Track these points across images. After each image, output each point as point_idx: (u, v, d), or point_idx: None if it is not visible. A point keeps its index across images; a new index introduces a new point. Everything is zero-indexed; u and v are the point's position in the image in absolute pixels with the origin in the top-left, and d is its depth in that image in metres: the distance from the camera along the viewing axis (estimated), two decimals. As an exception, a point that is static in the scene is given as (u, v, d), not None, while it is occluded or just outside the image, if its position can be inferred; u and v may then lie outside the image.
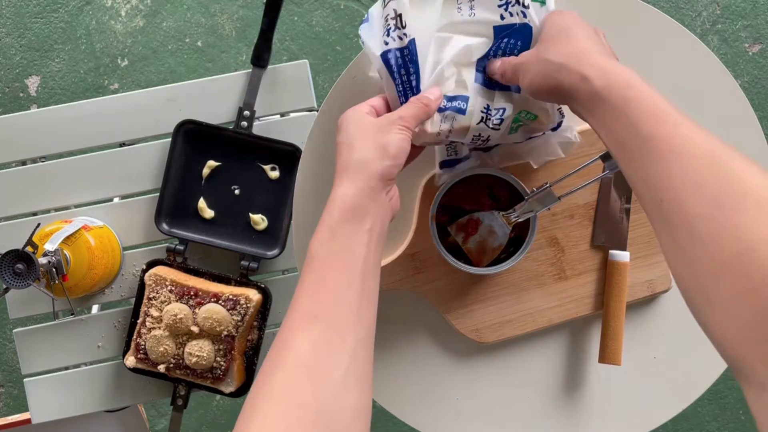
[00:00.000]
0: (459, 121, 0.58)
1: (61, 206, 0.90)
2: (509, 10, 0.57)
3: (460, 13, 0.58)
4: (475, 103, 0.58)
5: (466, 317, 0.70)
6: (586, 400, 0.72)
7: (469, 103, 0.58)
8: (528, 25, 0.56)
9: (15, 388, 1.53)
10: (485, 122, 0.58)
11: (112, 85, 1.58)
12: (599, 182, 0.69)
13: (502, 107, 0.58)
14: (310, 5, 1.55)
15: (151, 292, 0.83)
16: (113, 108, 0.90)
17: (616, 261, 0.68)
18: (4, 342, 1.54)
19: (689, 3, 1.59)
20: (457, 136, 0.59)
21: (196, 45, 1.57)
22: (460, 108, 0.58)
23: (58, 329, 0.90)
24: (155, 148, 0.89)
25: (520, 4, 0.56)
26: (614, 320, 0.68)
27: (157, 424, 1.52)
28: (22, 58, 1.58)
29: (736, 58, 1.58)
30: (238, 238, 0.88)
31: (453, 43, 0.58)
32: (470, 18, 0.58)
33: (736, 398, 1.51)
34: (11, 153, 0.90)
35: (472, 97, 0.58)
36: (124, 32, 1.58)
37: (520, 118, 0.59)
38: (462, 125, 0.58)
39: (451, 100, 0.58)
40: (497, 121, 0.58)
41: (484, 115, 0.58)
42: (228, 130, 0.87)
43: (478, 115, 0.58)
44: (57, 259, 0.76)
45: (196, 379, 0.84)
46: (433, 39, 0.57)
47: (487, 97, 0.59)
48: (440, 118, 0.57)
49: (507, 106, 0.58)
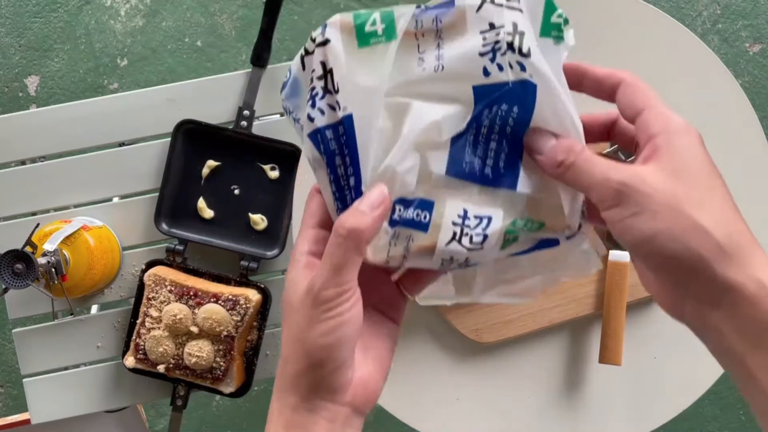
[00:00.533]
0: (418, 240, 0.38)
1: (61, 206, 0.90)
2: (497, 62, 0.36)
3: (422, 66, 0.37)
4: (445, 210, 0.38)
5: (466, 317, 0.70)
6: (587, 400, 0.72)
7: (435, 211, 0.38)
8: (529, 82, 0.36)
9: (14, 389, 1.53)
10: (459, 240, 0.38)
11: (112, 85, 1.58)
12: (600, 182, 0.69)
13: (487, 215, 0.38)
14: (310, 5, 1.55)
15: (150, 293, 0.83)
16: (113, 108, 0.90)
17: (617, 261, 0.68)
18: (3, 342, 1.54)
19: (690, 3, 1.59)
20: (417, 261, 0.39)
21: (195, 45, 1.57)
22: (418, 221, 0.37)
23: (57, 329, 0.89)
24: (155, 147, 0.89)
25: (514, 50, 0.36)
26: (614, 320, 0.68)
27: (157, 425, 1.52)
28: (21, 58, 1.58)
29: (737, 57, 1.58)
30: (238, 238, 0.88)
31: (412, 113, 0.37)
32: (437, 74, 0.37)
33: (737, 398, 1.51)
34: (10, 153, 0.90)
35: (440, 200, 0.38)
36: (123, 32, 1.58)
37: (515, 228, 0.39)
38: (422, 246, 0.38)
39: (407, 206, 0.37)
40: (479, 237, 0.38)
41: (458, 229, 0.38)
42: (228, 130, 0.87)
43: (449, 229, 0.38)
44: (56, 259, 0.76)
45: (195, 379, 0.84)
46: (381, 108, 0.37)
47: (465, 197, 0.38)
48: (389, 237, 0.37)
49: (495, 214, 0.38)
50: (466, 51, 0.37)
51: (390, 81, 0.37)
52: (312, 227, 0.39)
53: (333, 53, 0.37)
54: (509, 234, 0.39)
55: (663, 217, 0.33)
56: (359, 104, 0.37)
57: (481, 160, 0.38)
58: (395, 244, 0.38)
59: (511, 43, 0.36)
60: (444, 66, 0.37)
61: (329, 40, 0.37)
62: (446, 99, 0.37)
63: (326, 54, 0.37)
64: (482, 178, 0.38)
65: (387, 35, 0.37)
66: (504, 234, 0.38)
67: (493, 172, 0.38)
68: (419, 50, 0.38)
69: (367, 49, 0.37)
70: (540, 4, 0.37)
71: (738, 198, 0.35)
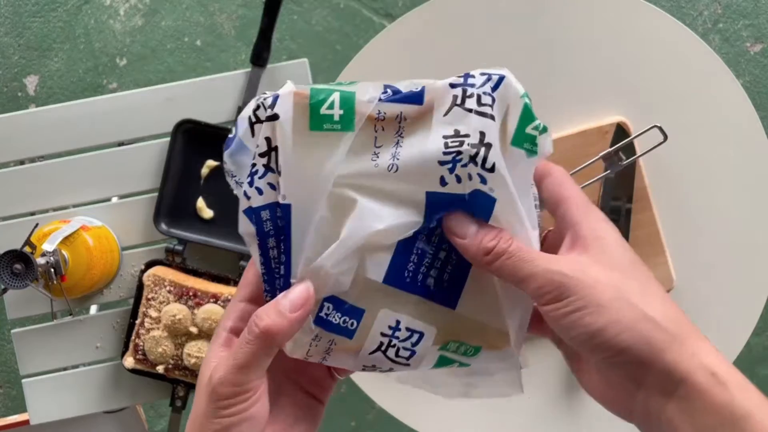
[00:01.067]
0: (341, 344, 0.35)
1: (60, 206, 0.90)
2: (456, 173, 0.33)
3: (376, 161, 0.33)
4: (376, 319, 0.35)
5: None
6: (587, 400, 0.72)
7: (364, 319, 0.35)
8: (488, 196, 0.33)
9: (13, 389, 1.53)
10: (385, 351, 0.36)
11: (111, 85, 1.57)
12: (601, 182, 0.69)
13: (420, 330, 0.35)
14: (309, 4, 1.55)
15: (149, 293, 0.83)
16: (112, 107, 0.89)
17: (618, 261, 0.68)
18: (2, 342, 1.54)
19: (690, 2, 1.58)
20: (338, 361, 0.36)
21: (195, 44, 1.57)
22: (344, 327, 0.35)
23: (56, 330, 0.89)
24: (154, 147, 0.89)
25: (477, 164, 0.32)
26: (615, 321, 0.68)
27: (156, 425, 1.52)
28: (20, 58, 1.58)
29: (738, 57, 1.57)
30: (238, 238, 0.88)
31: (356, 215, 0.33)
32: (390, 173, 0.33)
33: (737, 398, 1.51)
34: (9, 152, 0.90)
35: (373, 307, 0.35)
36: (122, 31, 1.58)
37: (447, 355, 0.36)
38: (346, 348, 0.35)
39: (336, 307, 0.34)
40: (406, 352, 0.36)
41: (386, 340, 0.35)
42: (227, 130, 0.87)
43: (376, 339, 0.35)
44: (55, 259, 0.75)
45: (194, 380, 0.84)
46: (323, 199, 0.33)
47: (401, 307, 0.35)
48: (311, 337, 0.35)
49: (427, 331, 0.35)
50: (425, 157, 0.33)
51: (340, 167, 0.33)
52: (241, 300, 0.37)
53: (281, 131, 0.33)
54: (442, 352, 0.36)
55: (610, 309, 0.31)
56: (300, 192, 0.33)
57: (425, 270, 0.35)
58: (316, 344, 0.35)
59: (474, 156, 0.32)
60: (399, 167, 0.33)
61: (278, 116, 0.33)
62: (396, 200, 0.34)
63: (274, 130, 0.33)
64: (422, 290, 0.35)
65: (343, 124, 0.33)
66: (436, 354, 0.36)
67: (435, 285, 0.35)
68: (376, 144, 0.34)
69: (319, 133, 0.33)
70: (517, 108, 0.34)
71: (738, 198, 0.34)
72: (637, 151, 0.64)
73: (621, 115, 0.70)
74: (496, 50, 0.71)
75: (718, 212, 0.71)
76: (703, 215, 0.71)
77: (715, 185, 0.71)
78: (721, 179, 0.71)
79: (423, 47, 0.72)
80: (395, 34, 0.72)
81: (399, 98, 0.33)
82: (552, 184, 0.36)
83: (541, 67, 0.71)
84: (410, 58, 0.72)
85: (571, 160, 0.67)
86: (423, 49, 0.72)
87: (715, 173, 0.71)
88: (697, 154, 0.71)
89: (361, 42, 1.53)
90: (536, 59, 0.71)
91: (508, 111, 0.34)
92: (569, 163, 0.67)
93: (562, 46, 0.71)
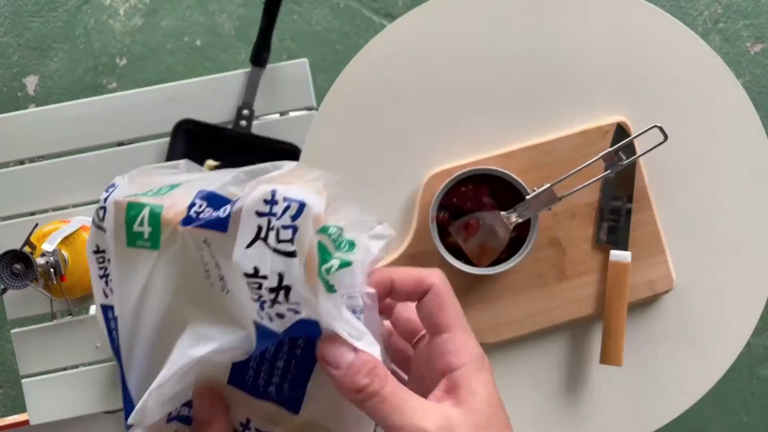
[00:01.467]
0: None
1: (59, 206, 0.90)
2: (266, 312, 0.31)
3: (210, 280, 0.32)
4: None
5: (468, 318, 0.69)
6: (587, 401, 0.72)
7: None
8: (308, 321, 0.31)
9: (13, 389, 1.53)
10: None
11: (111, 85, 1.57)
12: (601, 182, 0.69)
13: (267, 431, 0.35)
14: (309, 4, 1.55)
15: (149, 293, 0.83)
16: (112, 107, 0.89)
17: (618, 261, 0.68)
18: (2, 342, 1.54)
19: (691, 2, 1.58)
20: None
21: (194, 44, 1.57)
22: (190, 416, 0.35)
23: (56, 330, 0.89)
24: (154, 147, 0.89)
25: (281, 302, 0.30)
26: (615, 321, 0.68)
27: (156, 425, 1.52)
28: (20, 58, 1.58)
29: (738, 57, 1.57)
30: (237, 238, 0.88)
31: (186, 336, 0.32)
32: (223, 294, 0.32)
33: (738, 399, 1.51)
34: (9, 152, 0.90)
35: None
36: (122, 31, 1.58)
37: None
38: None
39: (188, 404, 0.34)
40: None
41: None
42: (227, 130, 0.87)
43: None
44: (55, 259, 0.75)
45: (194, 379, 0.84)
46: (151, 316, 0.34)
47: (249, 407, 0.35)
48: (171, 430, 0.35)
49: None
50: (242, 287, 0.31)
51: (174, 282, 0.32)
52: None
53: (107, 243, 0.33)
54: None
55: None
56: (126, 306, 0.33)
57: (266, 377, 0.34)
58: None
59: (275, 299, 0.30)
60: (229, 290, 0.32)
61: (104, 230, 0.33)
62: (231, 322, 0.32)
63: (103, 240, 0.33)
64: (265, 395, 0.34)
65: (152, 242, 0.32)
66: None
67: (276, 392, 0.34)
68: (204, 260, 0.32)
69: (134, 250, 0.33)
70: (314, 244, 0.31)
71: (739, 198, 0.34)
72: (637, 151, 0.63)
73: (621, 115, 0.70)
74: (496, 50, 0.71)
75: (718, 212, 0.71)
76: (703, 215, 0.71)
77: (715, 185, 0.71)
78: (721, 179, 0.71)
79: (423, 47, 0.72)
80: (395, 34, 0.72)
81: (203, 224, 0.32)
82: (431, 304, 0.36)
83: (541, 67, 0.71)
84: (410, 58, 0.72)
85: (571, 160, 0.67)
86: (423, 49, 0.72)
87: (715, 173, 0.71)
88: (697, 154, 0.71)
89: (361, 42, 1.53)
90: (536, 59, 0.71)
91: (312, 241, 0.31)
92: (569, 163, 0.67)
93: (562, 46, 0.71)
